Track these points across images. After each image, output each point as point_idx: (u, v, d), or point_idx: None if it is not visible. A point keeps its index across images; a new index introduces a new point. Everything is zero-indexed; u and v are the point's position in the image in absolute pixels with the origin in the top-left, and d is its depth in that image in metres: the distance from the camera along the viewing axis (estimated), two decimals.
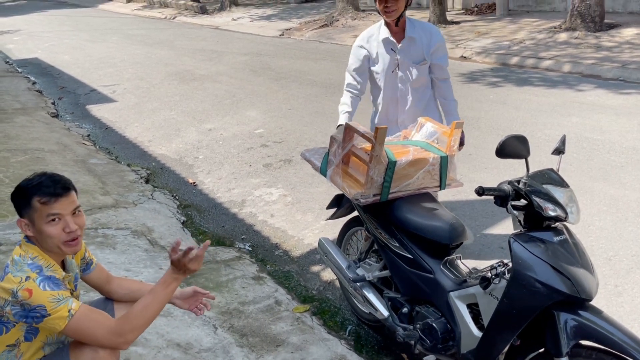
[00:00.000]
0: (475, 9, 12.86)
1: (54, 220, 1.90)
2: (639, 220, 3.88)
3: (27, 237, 1.96)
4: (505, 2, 12.05)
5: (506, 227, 3.91)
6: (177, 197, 4.98)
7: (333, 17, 13.75)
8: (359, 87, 3.23)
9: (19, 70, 11.51)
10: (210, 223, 4.51)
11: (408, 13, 3.11)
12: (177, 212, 4.65)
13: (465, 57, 9.28)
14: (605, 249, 3.58)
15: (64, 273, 1.99)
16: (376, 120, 3.39)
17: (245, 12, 17.75)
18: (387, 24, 3.11)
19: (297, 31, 13.44)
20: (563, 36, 9.37)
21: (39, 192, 1.90)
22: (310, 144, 5.79)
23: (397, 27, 3.07)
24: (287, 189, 4.93)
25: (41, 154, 5.73)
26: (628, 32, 9.13)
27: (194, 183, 5.28)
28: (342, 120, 3.15)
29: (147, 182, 5.30)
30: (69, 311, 1.84)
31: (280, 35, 13.53)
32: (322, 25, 13.44)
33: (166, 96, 8.49)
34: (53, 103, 8.65)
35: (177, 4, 21.08)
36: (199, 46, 12.82)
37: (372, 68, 3.20)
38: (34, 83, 10.14)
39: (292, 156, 5.63)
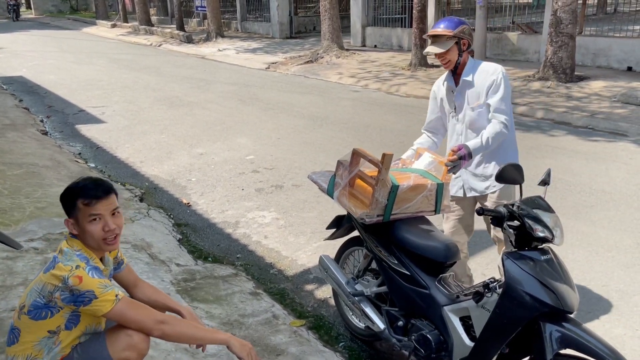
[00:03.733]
0: None
1: (95, 219, 2.11)
2: (607, 254, 4.22)
3: (71, 233, 2.14)
4: (483, 50, 12.70)
5: (488, 255, 4.20)
6: (172, 216, 5.14)
7: (318, 54, 14.23)
8: (430, 125, 3.37)
9: (4, 87, 11.57)
10: (205, 242, 4.68)
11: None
12: (173, 230, 4.81)
13: None
14: (578, 279, 3.88)
15: (103, 267, 2.17)
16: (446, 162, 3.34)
17: (231, 44, 18.16)
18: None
19: (283, 65, 13.85)
20: (536, 85, 9.95)
21: (82, 194, 2.11)
22: (300, 171, 6.04)
23: (457, 74, 3.15)
24: (279, 213, 5.14)
25: (36, 168, 5.83)
26: (596, 85, 9.76)
27: (188, 203, 5.45)
28: (405, 152, 3.31)
29: (141, 200, 5.45)
30: (116, 296, 2.03)
31: (266, 68, 13.91)
32: (307, 61, 13.89)
33: (156, 120, 8.68)
34: (42, 121, 8.75)
35: (163, 32, 21.42)
36: (186, 74, 13.09)
37: (442, 108, 3.31)
38: (20, 100, 10.23)
39: (283, 182, 5.86)
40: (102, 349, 2.10)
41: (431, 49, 3.05)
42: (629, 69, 10.86)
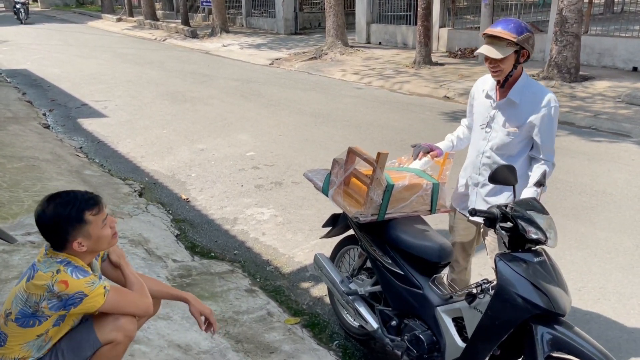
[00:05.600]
0: (459, 52, 13.44)
1: (105, 223, 2.12)
2: (606, 256, 4.19)
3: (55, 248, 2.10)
4: None
5: (485, 255, 4.17)
6: (170, 212, 5.14)
7: (322, 50, 14.20)
8: (467, 122, 3.12)
9: (8, 80, 11.59)
10: (203, 237, 4.68)
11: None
12: (171, 225, 4.81)
13: (448, 97, 9.71)
14: (576, 280, 3.86)
15: (92, 272, 2.16)
16: (460, 171, 3.09)
17: (235, 39, 18.15)
18: None
19: (287, 61, 13.82)
20: (540, 84, 9.90)
21: (87, 207, 2.07)
22: (300, 168, 6.02)
23: (504, 88, 2.75)
24: (278, 210, 5.13)
25: (36, 162, 5.84)
26: (600, 85, 9.70)
27: (186, 199, 5.44)
28: (442, 143, 3.11)
29: (140, 195, 5.45)
30: (104, 288, 2.04)
31: (270, 64, 13.89)
32: (311, 58, 13.86)
33: (158, 115, 8.68)
34: (44, 114, 8.77)
35: (168, 27, 21.43)
36: (189, 69, 13.08)
37: (473, 114, 3.00)
38: (23, 93, 10.25)
39: (283, 179, 5.85)
40: (90, 332, 2.12)
41: (487, 50, 2.61)
42: (634, 69, 10.80)
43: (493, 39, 2.63)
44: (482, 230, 3.03)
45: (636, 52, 10.81)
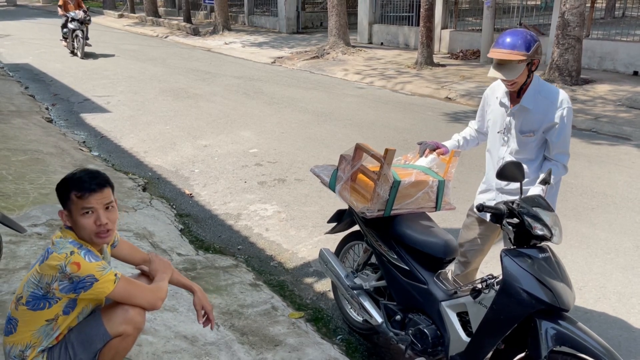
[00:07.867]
0: (461, 54, 13.48)
1: (87, 212, 2.09)
2: (606, 256, 4.23)
3: (65, 225, 2.16)
4: (489, 49, 12.68)
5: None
6: (174, 207, 5.17)
7: (324, 49, 14.22)
8: (476, 126, 3.19)
9: (11, 74, 11.60)
10: (207, 232, 4.71)
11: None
12: (175, 220, 4.84)
13: (449, 98, 9.75)
14: (576, 280, 3.90)
15: (102, 256, 2.19)
16: (484, 178, 3.15)
17: (237, 37, 18.16)
18: None
19: (289, 60, 13.85)
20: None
21: (76, 186, 2.09)
22: (303, 166, 6.06)
23: (518, 97, 2.81)
24: (281, 206, 5.16)
25: (40, 155, 5.87)
26: (601, 88, 9.75)
27: (190, 194, 5.48)
28: (448, 142, 3.16)
29: (144, 190, 5.48)
30: (115, 275, 2.07)
31: (272, 62, 13.91)
32: (313, 57, 13.88)
33: (161, 111, 8.70)
34: (47, 108, 8.78)
35: (170, 24, 21.43)
36: (192, 66, 13.10)
37: (487, 118, 3.07)
38: (26, 88, 10.26)
39: (286, 176, 5.89)
40: (99, 325, 2.14)
41: (500, 75, 2.66)
42: (635, 73, 10.85)
43: (503, 60, 2.68)
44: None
45: (637, 56, 10.86)
